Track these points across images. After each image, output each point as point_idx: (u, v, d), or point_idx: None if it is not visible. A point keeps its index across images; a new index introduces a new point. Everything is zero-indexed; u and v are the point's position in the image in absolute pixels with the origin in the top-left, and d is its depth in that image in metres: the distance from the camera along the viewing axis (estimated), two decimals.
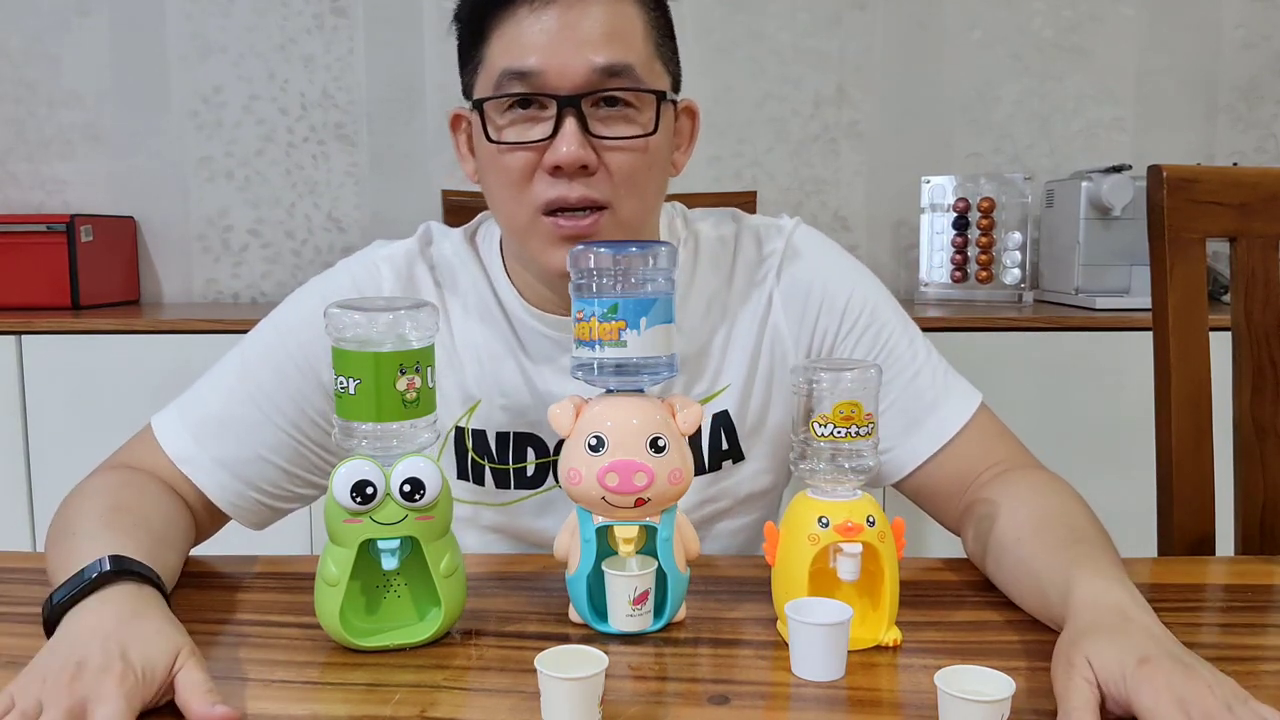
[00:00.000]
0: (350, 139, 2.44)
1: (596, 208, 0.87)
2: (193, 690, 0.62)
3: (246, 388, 0.93)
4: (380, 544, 0.71)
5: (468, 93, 0.91)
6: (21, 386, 1.97)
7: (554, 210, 0.86)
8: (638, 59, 0.86)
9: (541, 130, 0.85)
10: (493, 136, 0.87)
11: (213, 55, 2.42)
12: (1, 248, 2.15)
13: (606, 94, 0.85)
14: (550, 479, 0.98)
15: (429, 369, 0.72)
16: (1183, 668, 0.58)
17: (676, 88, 0.94)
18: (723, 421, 0.98)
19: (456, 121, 0.95)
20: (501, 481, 0.99)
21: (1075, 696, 0.59)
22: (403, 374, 0.70)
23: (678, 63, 0.94)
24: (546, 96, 0.84)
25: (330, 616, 0.71)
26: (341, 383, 0.70)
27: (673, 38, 0.93)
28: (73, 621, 0.66)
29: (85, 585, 0.68)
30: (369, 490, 0.69)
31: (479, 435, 0.98)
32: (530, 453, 0.98)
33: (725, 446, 0.98)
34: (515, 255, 0.96)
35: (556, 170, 0.85)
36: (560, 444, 0.97)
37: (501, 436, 0.98)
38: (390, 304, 0.72)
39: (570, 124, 0.84)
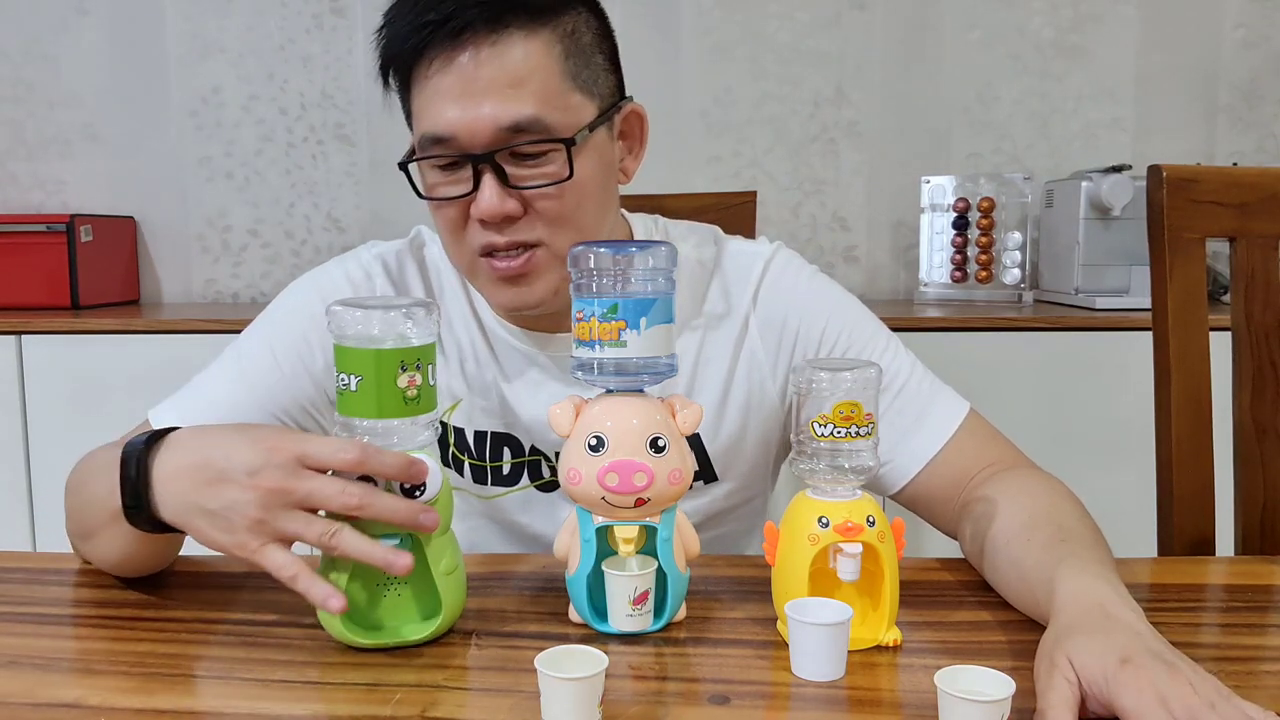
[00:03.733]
0: (349, 139, 2.44)
1: (530, 246, 0.89)
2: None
3: (244, 378, 0.96)
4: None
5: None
6: (21, 386, 1.97)
7: (489, 252, 0.89)
8: (545, 105, 0.85)
9: (463, 186, 0.87)
10: (423, 193, 0.91)
11: (212, 55, 2.42)
12: (1, 248, 2.15)
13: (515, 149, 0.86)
14: (525, 479, 1.00)
15: (429, 366, 0.72)
16: (1165, 666, 0.58)
17: (620, 92, 0.93)
18: (693, 442, 0.99)
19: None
20: (479, 477, 1.01)
21: (1054, 695, 0.59)
22: (404, 371, 0.70)
23: (612, 73, 0.93)
24: (462, 158, 0.86)
25: (330, 616, 0.71)
26: (343, 380, 0.70)
27: (603, 50, 0.91)
28: (170, 459, 0.72)
29: (148, 438, 0.74)
30: None
31: (459, 432, 1.00)
32: (506, 452, 1.00)
33: (695, 467, 0.99)
34: None
35: (484, 221, 0.87)
36: (534, 446, 0.99)
37: (479, 435, 1.00)
38: (392, 302, 0.72)
39: (488, 180, 0.86)
